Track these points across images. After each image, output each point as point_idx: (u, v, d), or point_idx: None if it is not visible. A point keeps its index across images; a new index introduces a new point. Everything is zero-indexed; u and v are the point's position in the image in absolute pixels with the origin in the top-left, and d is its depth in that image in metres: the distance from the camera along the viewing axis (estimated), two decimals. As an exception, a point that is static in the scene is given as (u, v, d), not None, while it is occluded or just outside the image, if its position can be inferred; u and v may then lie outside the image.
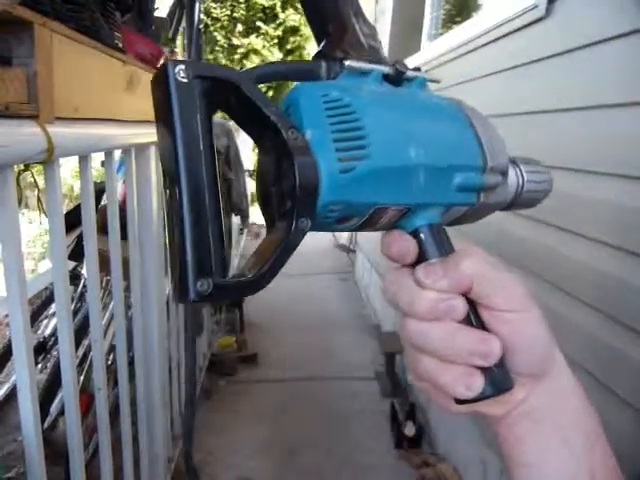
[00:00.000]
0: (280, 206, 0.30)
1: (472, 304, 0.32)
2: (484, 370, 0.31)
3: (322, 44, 0.36)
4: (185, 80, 0.27)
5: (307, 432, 2.17)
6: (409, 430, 2.05)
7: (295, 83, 0.33)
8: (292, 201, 0.28)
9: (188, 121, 0.27)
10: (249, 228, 5.08)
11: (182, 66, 0.27)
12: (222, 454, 2.00)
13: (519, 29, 1.51)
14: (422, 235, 0.34)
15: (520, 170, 0.40)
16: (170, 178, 0.27)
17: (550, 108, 1.34)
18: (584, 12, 1.21)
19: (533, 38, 1.44)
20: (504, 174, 0.37)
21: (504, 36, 1.63)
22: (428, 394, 0.34)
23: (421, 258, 0.34)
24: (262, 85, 0.32)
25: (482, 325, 0.32)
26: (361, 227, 0.33)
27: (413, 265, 0.34)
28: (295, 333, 3.16)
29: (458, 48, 2.05)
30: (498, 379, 0.31)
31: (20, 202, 0.78)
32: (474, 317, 0.32)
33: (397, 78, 0.35)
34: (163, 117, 0.27)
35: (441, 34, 2.76)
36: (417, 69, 0.36)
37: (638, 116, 1.00)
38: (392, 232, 0.34)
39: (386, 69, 0.35)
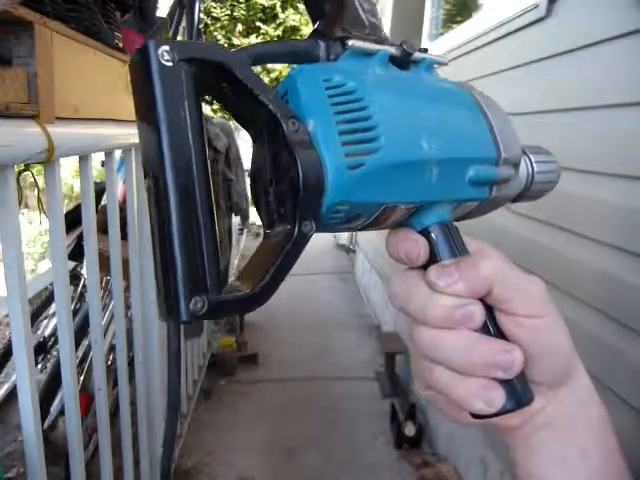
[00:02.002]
0: (280, 207, 0.27)
1: (489, 309, 0.29)
2: (504, 382, 0.28)
3: (319, 23, 0.32)
4: (170, 64, 0.23)
5: (307, 432, 2.17)
6: (409, 430, 2.05)
7: (293, 65, 0.30)
8: (294, 202, 0.25)
9: (174, 112, 0.23)
10: (249, 228, 5.09)
11: (166, 47, 0.23)
12: (222, 454, 2.00)
13: (520, 29, 1.51)
14: (433, 234, 0.31)
15: (530, 160, 0.37)
16: (154, 179, 0.23)
17: (550, 108, 1.34)
18: (585, 12, 1.21)
19: (534, 38, 1.44)
20: (516, 166, 0.34)
21: (504, 36, 1.63)
22: (437, 404, 0.32)
23: (432, 259, 0.30)
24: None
25: (500, 332, 0.29)
26: (365, 227, 0.30)
27: (423, 267, 0.30)
28: (295, 333, 3.16)
29: (458, 48, 2.05)
30: (518, 392, 0.28)
31: (20, 202, 0.78)
32: (491, 324, 0.29)
33: (404, 60, 0.32)
34: (145, 108, 0.23)
35: (441, 34, 2.76)
36: (424, 50, 0.33)
37: (639, 116, 1.01)
38: (400, 231, 0.31)
39: (392, 50, 0.31)
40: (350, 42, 0.29)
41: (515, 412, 0.29)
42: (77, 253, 1.73)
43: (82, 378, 1.62)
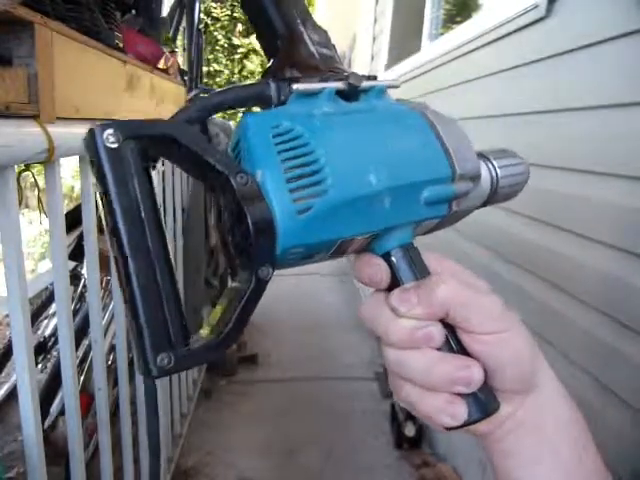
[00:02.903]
0: (238, 256, 0.28)
1: (450, 327, 0.31)
2: (468, 396, 0.30)
3: (272, 61, 0.33)
4: (115, 145, 0.24)
5: (307, 432, 2.17)
6: (409, 430, 2.05)
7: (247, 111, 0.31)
8: (249, 251, 0.27)
9: (124, 190, 0.24)
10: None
11: (110, 130, 0.24)
12: (222, 454, 2.00)
13: (520, 29, 1.51)
14: (394, 258, 0.32)
15: (493, 165, 0.38)
16: (114, 252, 0.25)
17: (551, 108, 1.34)
18: (585, 12, 1.21)
19: (534, 38, 1.44)
20: (475, 178, 0.35)
21: (505, 36, 1.63)
22: (415, 413, 0.33)
23: (395, 282, 0.32)
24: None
25: (462, 348, 0.31)
26: (329, 258, 0.32)
27: (388, 289, 0.32)
28: (295, 333, 3.16)
29: (459, 48, 2.05)
30: (483, 402, 0.30)
31: (20, 202, 0.78)
32: (453, 340, 0.31)
33: (352, 92, 0.32)
34: (99, 186, 0.25)
35: (441, 34, 2.76)
36: (373, 77, 0.33)
37: (639, 116, 1.01)
38: (362, 257, 0.33)
39: (337, 85, 0.32)
40: (294, 86, 0.30)
41: (483, 421, 0.30)
42: (77, 253, 1.73)
43: (82, 378, 1.62)
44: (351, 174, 0.29)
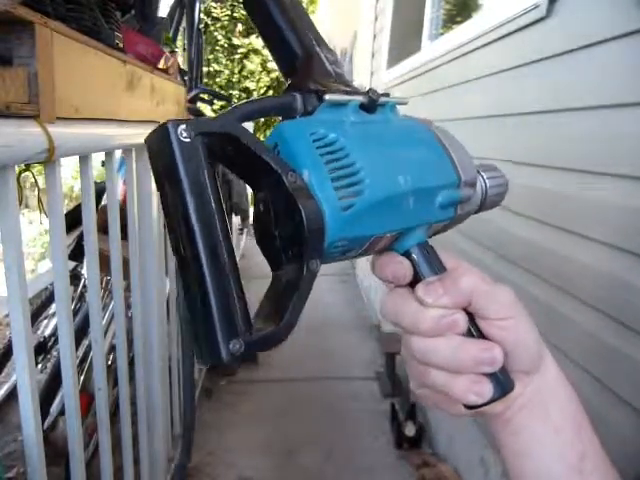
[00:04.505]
0: (287, 249, 0.30)
1: (470, 316, 0.34)
2: (490, 376, 0.33)
3: (293, 77, 0.36)
4: (188, 140, 0.26)
5: (307, 432, 2.17)
6: (409, 430, 2.05)
7: (280, 120, 0.34)
8: (300, 244, 0.29)
9: (197, 182, 0.26)
10: (249, 228, 5.08)
11: (184, 126, 0.26)
12: (222, 454, 2.00)
13: (520, 29, 1.51)
14: (414, 255, 0.36)
15: (483, 177, 0.43)
16: (183, 242, 0.26)
17: (551, 108, 1.34)
18: (585, 12, 1.21)
19: (534, 38, 1.44)
20: (474, 185, 0.40)
21: (505, 36, 1.63)
22: (432, 401, 0.36)
23: (416, 277, 0.35)
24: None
25: (481, 334, 0.34)
26: (357, 256, 0.35)
27: (407, 285, 0.35)
28: (295, 333, 3.09)
29: (459, 48, 2.05)
30: (502, 382, 0.34)
31: (21, 202, 0.78)
32: (473, 327, 0.34)
33: (371, 105, 0.36)
34: (168, 180, 0.26)
35: (442, 34, 2.76)
36: (386, 94, 0.37)
37: (639, 117, 1.00)
38: (384, 255, 0.36)
39: (361, 98, 0.35)
40: (327, 96, 0.33)
41: (499, 400, 0.34)
42: (77, 253, 1.73)
43: (82, 378, 1.62)
44: (384, 175, 0.33)
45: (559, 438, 0.36)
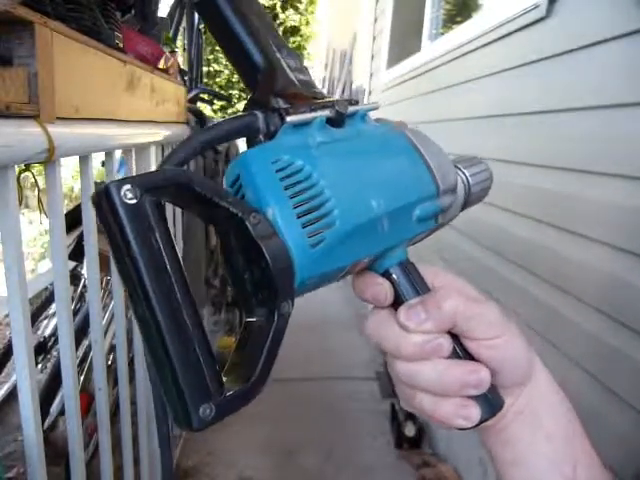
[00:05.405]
0: (256, 292, 0.28)
1: (455, 336, 0.33)
2: (478, 397, 0.32)
3: (254, 93, 0.34)
4: (134, 201, 0.23)
5: (307, 432, 2.17)
6: (409, 430, 2.05)
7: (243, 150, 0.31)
8: (269, 288, 0.27)
9: (149, 246, 0.24)
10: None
11: (127, 186, 0.23)
12: (222, 454, 2.00)
13: (520, 29, 1.51)
14: (394, 275, 0.34)
15: (464, 174, 0.40)
16: (142, 308, 0.24)
17: (551, 108, 1.34)
18: (585, 12, 1.21)
19: (534, 38, 1.44)
20: (454, 191, 0.38)
21: (505, 36, 1.63)
22: (424, 417, 0.35)
23: (397, 298, 0.34)
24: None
25: (467, 353, 0.33)
26: (337, 280, 0.33)
27: (390, 305, 0.34)
28: (295, 333, 3.15)
29: (459, 48, 2.05)
30: (491, 401, 0.33)
31: (21, 202, 0.78)
32: (459, 348, 0.33)
33: (338, 119, 0.33)
34: (118, 247, 0.24)
35: (442, 34, 2.76)
36: (355, 102, 0.35)
37: (639, 117, 1.00)
38: (364, 276, 0.34)
39: (327, 113, 0.33)
40: (288, 118, 0.31)
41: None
42: (77, 253, 1.73)
43: (82, 378, 1.62)
44: (355, 202, 0.30)
45: (551, 445, 0.35)
